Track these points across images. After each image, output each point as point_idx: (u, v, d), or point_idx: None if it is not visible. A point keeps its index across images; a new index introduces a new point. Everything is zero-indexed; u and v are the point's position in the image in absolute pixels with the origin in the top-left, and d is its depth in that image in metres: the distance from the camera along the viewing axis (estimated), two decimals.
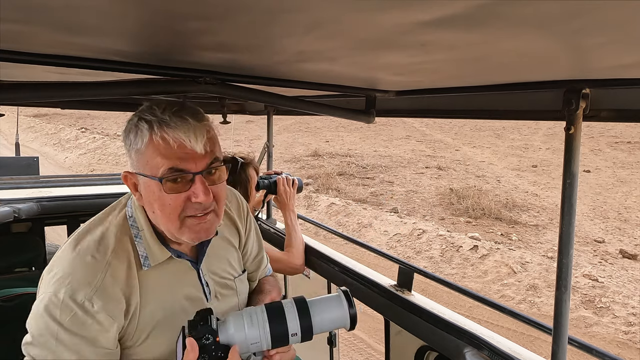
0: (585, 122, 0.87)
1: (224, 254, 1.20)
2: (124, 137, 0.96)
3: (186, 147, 0.89)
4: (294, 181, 2.02)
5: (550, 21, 0.49)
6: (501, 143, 16.47)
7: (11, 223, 2.31)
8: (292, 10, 0.49)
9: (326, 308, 0.99)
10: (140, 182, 0.96)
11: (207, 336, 0.89)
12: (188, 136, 0.89)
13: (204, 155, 0.92)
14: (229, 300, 1.18)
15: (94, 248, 0.96)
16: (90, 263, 0.93)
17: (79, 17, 0.56)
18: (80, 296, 0.89)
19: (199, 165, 0.91)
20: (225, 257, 1.20)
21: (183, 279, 1.06)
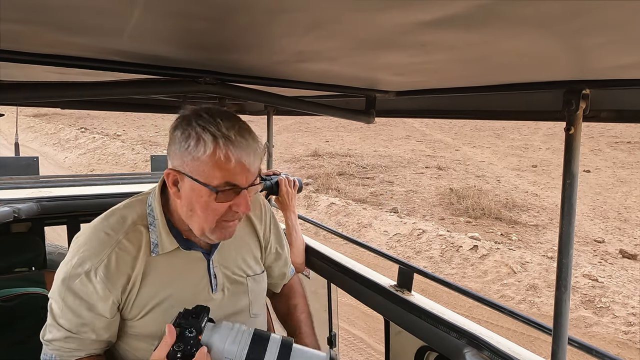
0: (585, 123, 0.87)
1: (239, 251, 1.26)
2: (179, 139, 1.02)
3: (245, 165, 1.00)
4: (294, 182, 2.03)
5: (550, 21, 0.49)
6: (501, 143, 16.47)
7: (11, 223, 2.31)
8: (292, 10, 0.49)
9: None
10: (185, 183, 1.03)
11: (191, 329, 0.95)
12: (248, 156, 1.00)
13: (254, 172, 1.03)
14: (237, 298, 1.23)
15: (110, 227, 1.09)
16: (103, 239, 1.07)
17: (79, 17, 0.56)
18: (87, 265, 1.04)
19: (248, 180, 1.02)
20: (240, 254, 1.26)
21: (192, 268, 1.16)
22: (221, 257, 1.21)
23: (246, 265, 1.27)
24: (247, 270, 1.27)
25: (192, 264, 1.16)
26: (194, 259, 1.16)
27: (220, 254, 1.21)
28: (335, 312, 2.21)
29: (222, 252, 1.21)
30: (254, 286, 1.27)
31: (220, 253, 1.21)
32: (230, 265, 1.23)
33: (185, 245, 1.13)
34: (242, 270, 1.25)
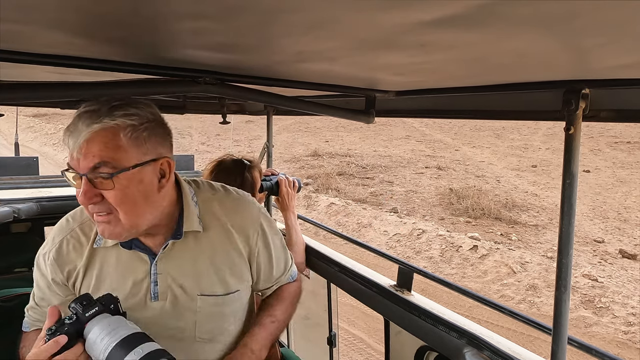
0: (584, 122, 0.87)
1: (201, 266, 1.14)
2: None
3: (72, 150, 0.94)
4: (293, 182, 2.03)
5: (550, 21, 0.49)
6: (501, 143, 16.48)
7: (11, 223, 2.31)
8: (291, 10, 0.49)
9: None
10: None
11: (71, 316, 0.91)
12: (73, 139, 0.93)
13: (84, 159, 0.93)
14: (180, 314, 1.13)
15: (72, 215, 1.18)
16: (62, 225, 1.17)
17: (79, 17, 0.56)
18: (46, 247, 1.15)
19: (82, 167, 0.93)
20: (201, 269, 1.14)
21: (133, 268, 1.12)
22: (171, 266, 1.12)
23: (208, 282, 1.14)
24: (205, 288, 1.13)
25: (133, 264, 1.11)
26: (136, 259, 1.11)
27: (170, 262, 1.12)
28: (335, 312, 2.21)
29: (173, 260, 1.12)
30: (207, 307, 1.14)
31: (171, 261, 1.12)
32: (181, 278, 1.12)
33: (124, 243, 1.09)
34: (197, 287, 1.13)
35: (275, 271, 1.30)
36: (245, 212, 1.21)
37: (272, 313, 1.28)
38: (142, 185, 0.98)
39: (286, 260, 1.35)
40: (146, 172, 0.99)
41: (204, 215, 1.14)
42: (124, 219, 0.98)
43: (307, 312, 2.50)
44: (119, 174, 0.94)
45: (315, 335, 2.37)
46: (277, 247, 1.29)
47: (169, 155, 1.06)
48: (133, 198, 0.98)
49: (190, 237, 1.13)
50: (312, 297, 2.34)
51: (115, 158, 0.94)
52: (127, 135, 0.95)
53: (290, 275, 1.38)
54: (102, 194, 0.95)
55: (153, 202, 1.03)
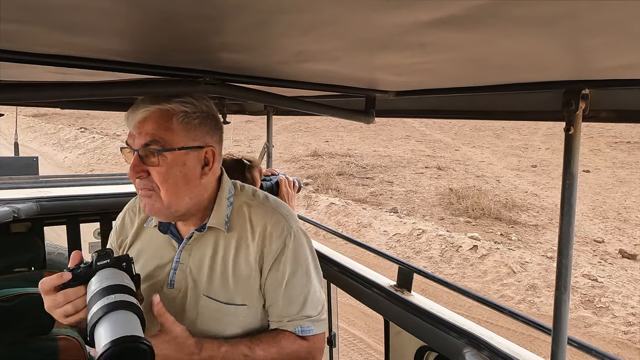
0: (584, 123, 0.87)
1: (216, 269, 1.11)
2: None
3: (131, 128, 1.05)
4: (293, 182, 2.03)
5: (550, 21, 0.49)
6: (501, 143, 16.48)
7: (10, 223, 2.31)
8: (292, 11, 0.49)
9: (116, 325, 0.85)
10: None
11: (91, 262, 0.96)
12: (133, 117, 1.04)
13: (139, 136, 1.03)
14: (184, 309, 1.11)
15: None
16: (132, 200, 1.32)
17: (79, 17, 0.56)
18: (119, 215, 1.32)
19: (136, 143, 1.03)
20: (215, 273, 1.11)
21: (162, 252, 1.18)
22: (192, 259, 1.13)
23: (215, 285, 1.11)
24: (211, 290, 1.11)
25: (164, 248, 1.17)
26: (167, 244, 1.17)
27: (192, 255, 1.13)
28: (335, 312, 2.21)
29: (195, 253, 1.13)
30: (208, 310, 1.10)
31: (193, 254, 1.13)
32: (196, 272, 1.12)
33: (161, 226, 1.17)
34: (205, 286, 1.11)
35: (282, 305, 1.12)
36: (273, 225, 1.12)
37: (253, 349, 1.07)
38: (184, 168, 1.05)
39: (300, 303, 1.13)
40: (191, 156, 1.06)
41: (234, 217, 1.14)
42: (164, 196, 1.04)
43: None
44: (165, 152, 1.02)
45: None
46: (294, 278, 1.12)
47: (216, 147, 1.12)
48: (175, 178, 1.04)
49: (214, 234, 1.13)
50: None
51: (164, 138, 1.02)
52: (179, 120, 1.04)
53: (299, 326, 1.12)
54: (149, 171, 1.03)
55: (193, 187, 1.08)
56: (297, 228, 1.16)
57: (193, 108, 1.06)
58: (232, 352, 1.05)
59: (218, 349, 1.04)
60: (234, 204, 1.16)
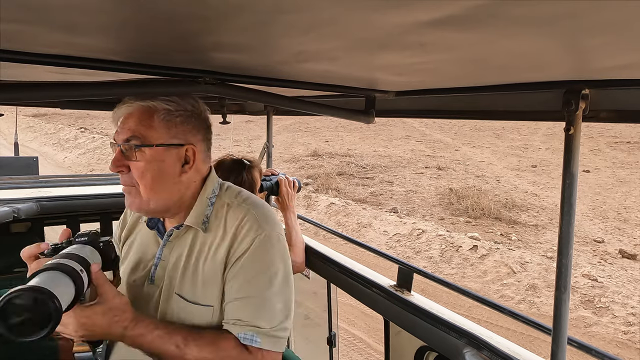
0: (584, 123, 0.87)
1: (188, 268, 1.11)
2: None
3: (116, 122, 1.09)
4: (293, 182, 2.03)
5: (550, 21, 0.49)
6: (501, 143, 16.48)
7: (10, 223, 2.31)
8: (291, 11, 0.49)
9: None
10: None
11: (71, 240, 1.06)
12: (116, 112, 1.09)
13: (121, 131, 1.06)
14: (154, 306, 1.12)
15: None
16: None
17: (79, 17, 0.56)
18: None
19: (119, 137, 1.06)
20: (187, 271, 1.11)
21: (148, 246, 1.21)
22: (171, 256, 1.14)
23: (186, 283, 1.10)
24: (181, 288, 1.10)
25: (150, 243, 1.20)
26: (153, 240, 1.20)
27: (172, 252, 1.14)
28: (335, 312, 2.21)
29: (175, 251, 1.14)
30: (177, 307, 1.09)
31: (172, 251, 1.14)
32: (173, 270, 1.12)
33: (150, 222, 1.19)
34: (178, 284, 1.11)
35: (234, 306, 1.06)
36: (245, 226, 1.08)
37: (188, 343, 1.01)
38: (163, 164, 1.06)
39: (252, 309, 1.05)
40: (170, 153, 1.07)
41: (213, 218, 1.13)
42: (142, 192, 1.06)
43: (307, 312, 2.51)
44: (144, 148, 1.04)
45: (315, 335, 2.38)
46: (252, 281, 1.06)
47: (199, 145, 1.12)
48: (152, 174, 1.05)
49: (193, 233, 1.13)
50: (312, 297, 2.34)
51: (144, 134, 1.04)
52: (160, 117, 1.06)
53: (243, 332, 1.03)
54: (129, 166, 1.05)
55: (172, 184, 1.09)
56: (271, 232, 1.09)
57: (176, 106, 1.07)
58: (165, 338, 1.00)
59: (152, 330, 0.99)
60: (216, 205, 1.14)
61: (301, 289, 2.43)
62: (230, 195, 1.16)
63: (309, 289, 2.30)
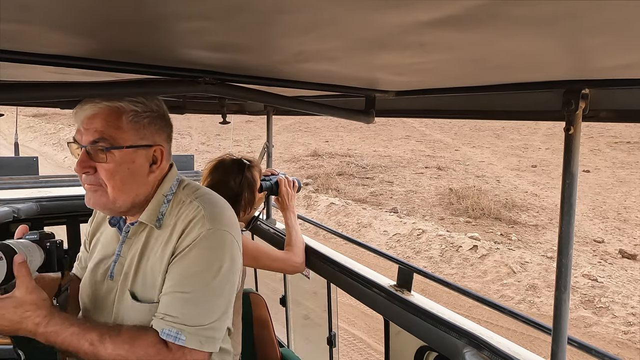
0: (584, 123, 0.87)
1: (141, 265, 1.11)
2: None
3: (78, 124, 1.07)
4: (293, 182, 2.03)
5: (550, 21, 0.49)
6: (501, 143, 16.48)
7: (10, 223, 2.31)
8: (291, 10, 0.49)
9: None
10: None
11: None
12: (76, 112, 1.07)
13: (87, 132, 1.04)
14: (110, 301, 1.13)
15: None
16: None
17: (79, 17, 0.56)
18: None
19: (84, 139, 1.05)
20: (140, 268, 1.11)
21: (110, 243, 1.22)
22: (129, 253, 1.14)
23: (138, 281, 1.11)
24: (133, 285, 1.11)
25: (112, 241, 1.21)
26: (115, 237, 1.21)
27: (130, 249, 1.14)
28: (335, 312, 2.21)
29: (132, 248, 1.14)
30: (127, 304, 1.10)
31: (130, 248, 1.14)
32: (129, 267, 1.13)
33: (112, 220, 1.20)
34: (131, 281, 1.11)
35: (166, 300, 1.04)
36: (191, 222, 1.07)
37: (104, 340, 0.97)
38: (133, 166, 1.07)
39: (183, 305, 1.02)
40: (139, 154, 1.08)
41: (168, 214, 1.12)
42: (110, 192, 1.06)
43: (307, 312, 2.51)
44: (114, 150, 1.03)
45: (315, 335, 2.38)
46: (189, 277, 1.04)
47: (164, 145, 1.13)
48: (122, 175, 1.05)
49: (147, 230, 1.13)
50: (312, 297, 2.34)
51: (113, 136, 1.03)
52: (128, 118, 1.05)
53: (167, 329, 1.00)
54: (96, 167, 1.04)
55: (140, 184, 1.10)
56: (218, 229, 1.07)
57: (143, 107, 1.07)
58: (80, 335, 0.97)
59: (67, 328, 0.97)
60: (172, 201, 1.14)
61: (301, 289, 2.43)
62: (188, 192, 1.15)
63: (309, 289, 2.31)
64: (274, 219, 2.38)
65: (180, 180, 1.19)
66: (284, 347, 2.29)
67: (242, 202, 1.77)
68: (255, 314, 2.00)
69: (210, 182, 1.76)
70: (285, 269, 1.97)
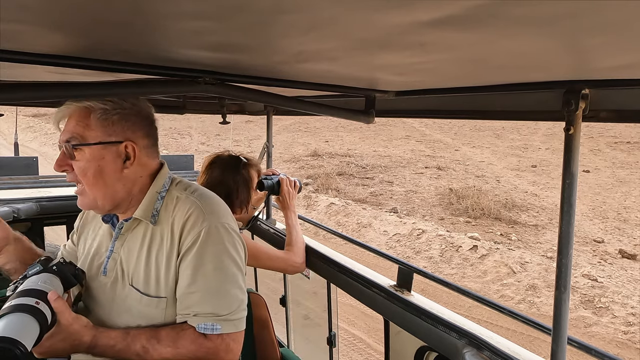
0: (584, 123, 0.87)
1: (141, 260, 1.15)
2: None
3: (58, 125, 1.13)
4: (294, 182, 2.03)
5: (550, 21, 0.49)
6: (501, 143, 16.48)
7: (10, 223, 2.30)
8: (291, 10, 0.49)
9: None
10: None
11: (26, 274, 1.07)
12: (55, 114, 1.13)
13: (62, 132, 1.11)
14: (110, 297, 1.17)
15: None
16: None
17: (79, 17, 0.56)
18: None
19: (60, 139, 1.12)
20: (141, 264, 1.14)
21: (103, 240, 1.25)
22: (123, 248, 1.18)
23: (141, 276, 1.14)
24: (136, 280, 1.14)
25: (104, 238, 1.25)
26: (107, 234, 1.24)
27: (123, 245, 1.18)
28: (335, 312, 2.21)
29: (126, 244, 1.18)
30: (132, 300, 1.14)
31: (124, 244, 1.18)
32: (125, 262, 1.16)
33: (105, 217, 1.23)
34: (132, 276, 1.15)
35: (189, 298, 1.10)
36: (191, 219, 1.12)
37: (147, 350, 1.06)
38: (103, 162, 1.11)
39: (208, 299, 1.10)
40: (109, 151, 1.11)
41: (163, 211, 1.17)
42: (87, 190, 1.12)
43: (307, 312, 2.51)
44: (83, 147, 1.09)
45: (315, 335, 2.38)
46: (204, 272, 1.10)
47: (138, 142, 1.15)
48: (93, 172, 1.10)
49: (144, 226, 1.17)
50: (312, 297, 2.34)
51: (82, 134, 1.09)
52: (96, 116, 1.10)
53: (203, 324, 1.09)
54: (72, 165, 1.10)
55: (114, 180, 1.13)
56: (217, 223, 1.13)
57: (113, 105, 1.11)
58: (126, 350, 1.07)
59: (112, 347, 1.06)
60: (166, 198, 1.19)
61: (301, 289, 2.43)
62: (180, 188, 1.21)
63: (309, 289, 2.30)
64: (274, 219, 2.38)
65: (172, 178, 1.25)
66: (284, 347, 2.29)
67: (238, 199, 1.77)
68: (255, 314, 2.00)
69: (206, 177, 1.76)
70: (286, 269, 1.97)
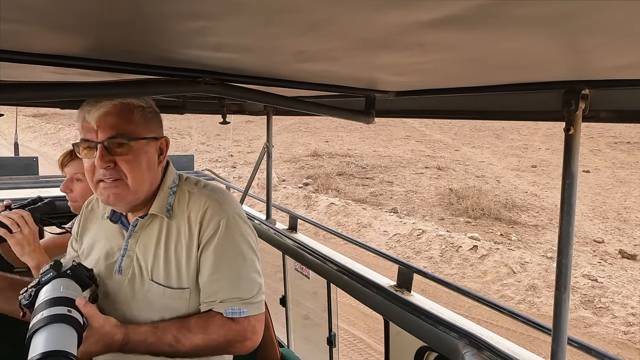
0: (584, 123, 0.87)
1: (160, 255, 1.17)
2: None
3: (89, 123, 1.11)
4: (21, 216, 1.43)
5: (550, 21, 0.49)
6: (501, 143, 16.49)
7: None
8: (291, 10, 0.49)
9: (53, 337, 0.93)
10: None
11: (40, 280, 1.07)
12: (88, 112, 1.11)
13: (102, 129, 1.09)
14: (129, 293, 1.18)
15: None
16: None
17: (79, 18, 0.56)
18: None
19: (100, 137, 1.10)
20: (160, 258, 1.17)
21: (114, 239, 1.26)
22: (138, 246, 1.20)
23: (161, 270, 1.17)
24: (157, 275, 1.17)
25: (115, 237, 1.26)
26: (118, 233, 1.25)
27: (138, 242, 1.20)
28: (335, 312, 2.21)
29: (141, 240, 1.20)
30: (154, 295, 1.16)
31: (139, 241, 1.20)
32: (142, 259, 1.19)
33: (113, 217, 1.24)
34: (152, 272, 1.18)
35: (213, 286, 1.16)
36: (209, 210, 1.18)
37: (179, 340, 1.11)
38: (148, 156, 1.16)
39: (232, 285, 1.16)
40: (151, 146, 1.17)
41: (176, 205, 1.21)
42: (131, 184, 1.13)
43: (307, 312, 2.50)
44: (132, 142, 1.12)
45: (315, 335, 2.38)
46: (225, 260, 1.16)
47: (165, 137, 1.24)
48: (141, 166, 1.14)
49: (158, 221, 1.20)
50: (312, 297, 2.34)
51: (129, 130, 1.12)
52: (138, 113, 1.14)
53: (230, 308, 1.15)
54: (115, 161, 1.11)
55: (154, 174, 1.19)
56: (234, 214, 1.21)
57: (146, 103, 1.17)
58: (157, 343, 1.11)
59: (144, 342, 1.10)
60: (177, 193, 1.23)
61: (301, 289, 2.43)
62: (190, 183, 1.27)
63: (309, 289, 2.30)
64: (274, 219, 2.38)
65: (179, 175, 1.29)
66: (284, 347, 2.29)
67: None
68: None
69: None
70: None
